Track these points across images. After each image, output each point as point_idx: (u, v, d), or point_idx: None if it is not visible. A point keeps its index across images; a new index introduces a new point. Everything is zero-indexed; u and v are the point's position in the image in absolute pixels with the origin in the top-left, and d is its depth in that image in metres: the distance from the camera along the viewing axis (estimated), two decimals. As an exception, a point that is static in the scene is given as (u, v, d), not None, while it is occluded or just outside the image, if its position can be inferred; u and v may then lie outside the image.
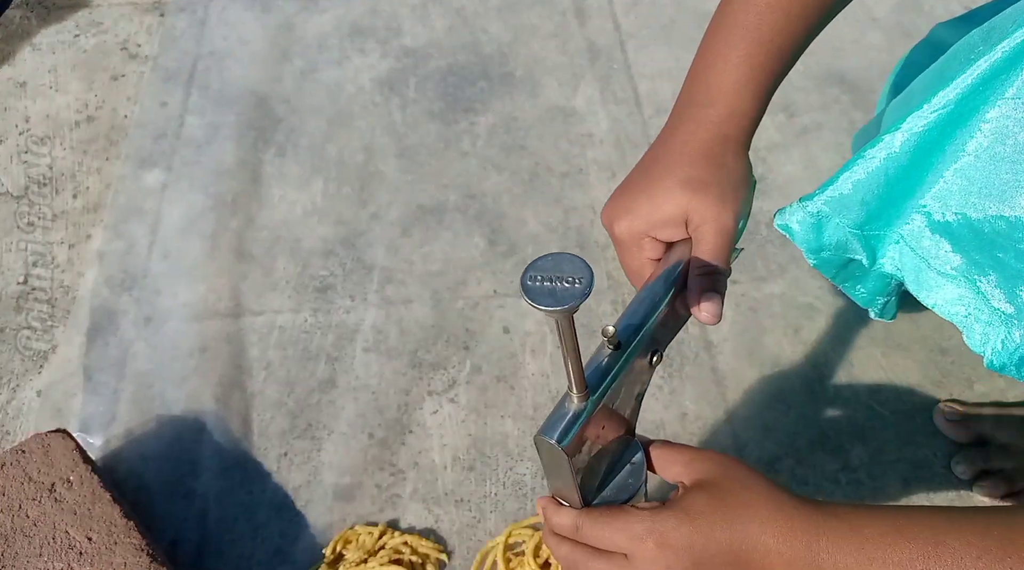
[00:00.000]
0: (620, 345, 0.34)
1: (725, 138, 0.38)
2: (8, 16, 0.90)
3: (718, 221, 0.36)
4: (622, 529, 0.33)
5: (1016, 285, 0.40)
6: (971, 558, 0.30)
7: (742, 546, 0.32)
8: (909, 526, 0.31)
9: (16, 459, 0.51)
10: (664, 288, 0.36)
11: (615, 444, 0.37)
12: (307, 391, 0.60)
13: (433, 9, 0.90)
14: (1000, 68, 0.39)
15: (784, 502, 0.33)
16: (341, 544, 0.53)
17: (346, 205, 0.72)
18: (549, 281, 0.28)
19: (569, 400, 0.33)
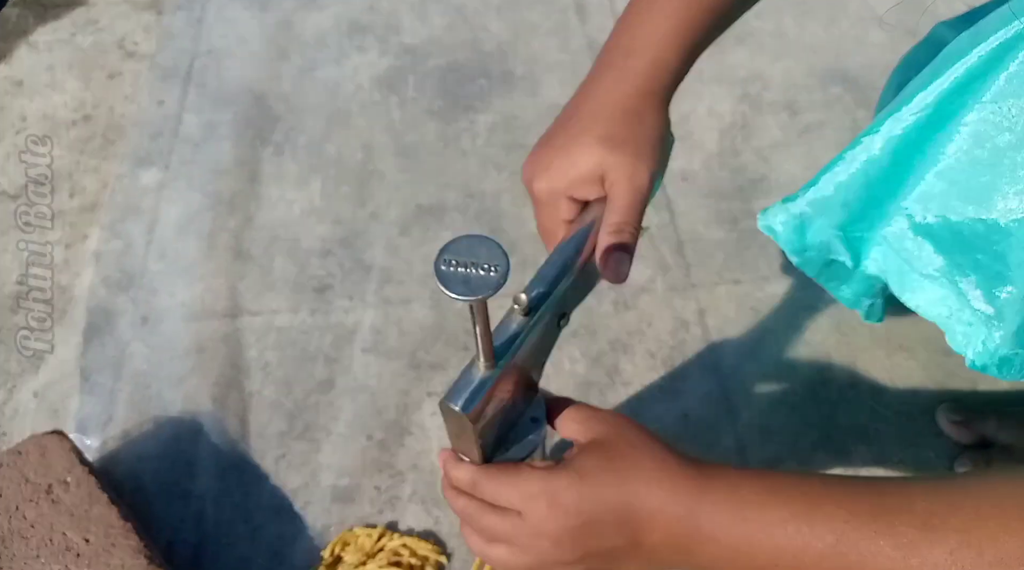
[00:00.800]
0: (530, 312, 0.34)
1: (645, 92, 0.37)
2: (5, 14, 0.89)
3: (633, 179, 0.35)
4: (516, 487, 0.34)
5: (995, 286, 0.40)
6: (840, 520, 0.30)
7: (629, 506, 0.33)
8: (784, 489, 0.32)
9: (13, 460, 0.51)
10: (575, 251, 0.35)
11: (519, 400, 0.37)
12: (305, 392, 0.60)
13: (432, 7, 0.89)
14: (977, 72, 0.39)
15: (671, 464, 0.34)
16: (340, 546, 0.52)
17: (345, 204, 0.72)
18: (464, 267, 0.27)
19: (476, 368, 0.33)
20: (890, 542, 0.30)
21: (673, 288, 0.66)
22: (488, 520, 0.35)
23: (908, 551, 0.29)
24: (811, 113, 0.79)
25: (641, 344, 0.63)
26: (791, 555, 0.31)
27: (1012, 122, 0.39)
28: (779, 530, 0.32)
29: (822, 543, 0.31)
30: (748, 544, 0.32)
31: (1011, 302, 0.40)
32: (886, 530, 0.30)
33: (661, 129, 0.37)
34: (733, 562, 0.33)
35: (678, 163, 0.75)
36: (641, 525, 0.34)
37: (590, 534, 0.34)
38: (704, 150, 0.76)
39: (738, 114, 0.79)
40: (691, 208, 0.72)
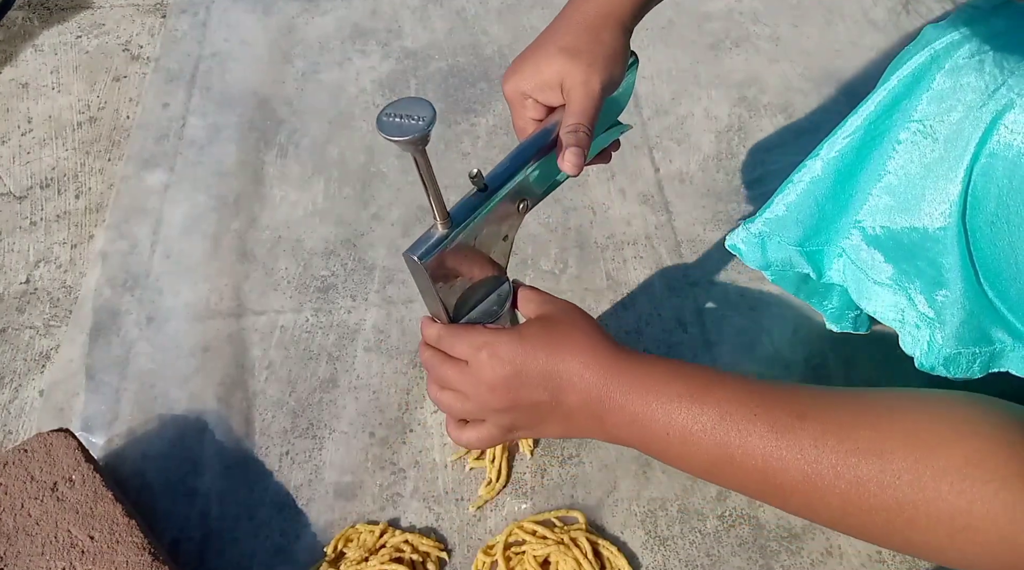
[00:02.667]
0: (487, 188, 0.40)
1: (606, 15, 0.42)
2: (10, 17, 0.90)
3: (587, 85, 0.40)
4: (467, 339, 0.41)
5: (933, 290, 0.43)
6: (726, 401, 0.35)
7: (555, 367, 0.39)
8: (687, 372, 0.38)
9: (18, 458, 0.51)
10: (535, 144, 0.41)
11: (488, 280, 0.43)
12: (308, 390, 0.61)
13: (434, 11, 0.91)
14: (900, 94, 0.43)
15: (597, 341, 0.39)
16: (342, 542, 0.53)
17: (347, 206, 0.73)
18: (399, 118, 0.34)
19: (435, 228, 0.39)
20: (766, 424, 0.34)
21: (671, 288, 0.67)
22: (443, 368, 0.42)
23: (780, 433, 0.34)
24: (807, 116, 0.80)
25: (639, 343, 0.64)
26: (680, 425, 0.36)
27: (935, 138, 0.42)
28: (674, 403, 0.36)
29: (707, 418, 0.35)
30: (647, 413, 0.37)
31: (948, 304, 0.43)
32: (764, 414, 0.34)
33: (618, 48, 0.42)
34: (632, 427, 0.37)
35: (676, 165, 0.76)
36: (563, 385, 0.39)
37: (520, 384, 0.39)
38: (701, 152, 0.77)
39: (735, 117, 0.80)
40: (688, 209, 0.73)
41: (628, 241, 0.70)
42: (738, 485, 0.36)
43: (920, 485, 0.30)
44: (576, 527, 0.53)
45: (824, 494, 0.33)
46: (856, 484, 0.32)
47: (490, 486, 0.55)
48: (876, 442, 0.32)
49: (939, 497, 0.30)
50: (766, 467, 0.34)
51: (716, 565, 0.52)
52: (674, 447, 0.36)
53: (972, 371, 0.44)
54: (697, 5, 0.90)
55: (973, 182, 0.41)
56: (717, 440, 0.35)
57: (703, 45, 0.86)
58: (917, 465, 0.31)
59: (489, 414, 0.41)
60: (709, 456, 0.35)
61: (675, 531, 0.54)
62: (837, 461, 0.32)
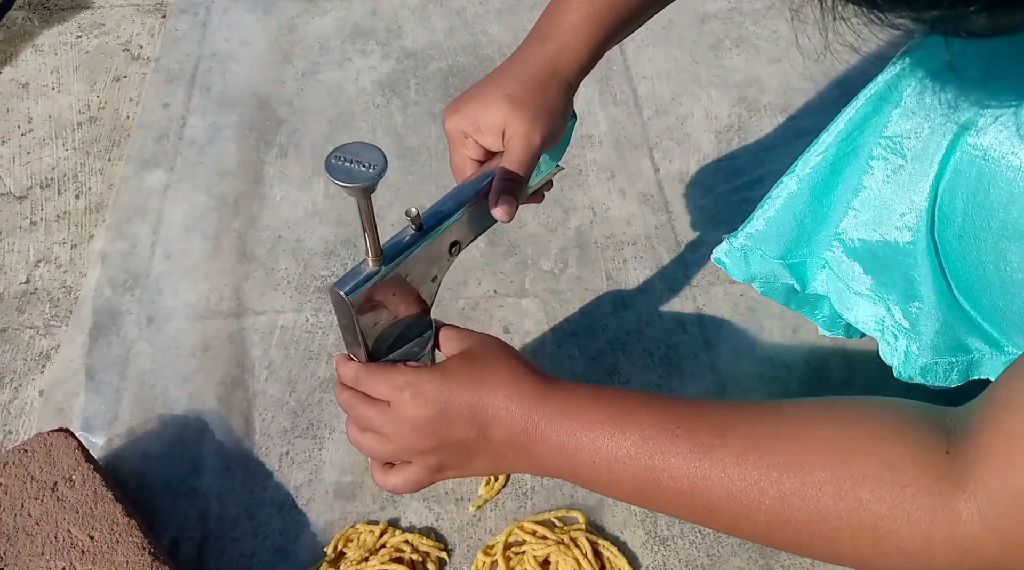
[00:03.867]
0: (422, 228, 0.40)
1: (553, 71, 0.43)
2: (10, 17, 0.90)
3: (527, 137, 0.41)
4: (387, 380, 0.40)
5: (907, 302, 0.44)
6: (647, 425, 0.35)
7: (480, 402, 0.38)
8: (607, 398, 0.38)
9: (18, 458, 0.51)
10: (472, 189, 0.42)
11: (411, 320, 0.43)
12: (309, 390, 0.61)
13: (434, 11, 0.91)
14: (871, 111, 0.44)
15: (521, 373, 0.39)
16: (342, 542, 0.53)
17: (347, 206, 0.73)
18: (350, 162, 0.33)
19: (364, 264, 0.39)
20: (687, 444, 0.34)
21: (670, 288, 0.67)
22: (363, 409, 0.41)
23: (702, 452, 0.34)
24: (806, 117, 0.80)
25: (639, 343, 0.64)
26: (605, 452, 0.36)
27: (904, 154, 0.42)
28: (596, 430, 0.36)
29: (630, 443, 0.35)
30: (572, 442, 0.37)
31: (922, 315, 0.43)
32: (685, 435, 0.34)
33: (561, 105, 0.43)
34: (559, 457, 0.37)
35: (676, 165, 0.76)
36: (488, 421, 0.38)
37: (445, 423, 0.38)
38: (701, 152, 0.77)
39: (735, 117, 0.80)
40: (688, 209, 0.73)
41: (628, 241, 0.70)
42: (668, 508, 0.36)
43: (841, 495, 0.30)
44: (576, 527, 0.53)
45: (750, 511, 0.32)
46: (780, 499, 0.32)
47: (489, 486, 0.55)
48: (797, 455, 0.32)
49: (860, 506, 0.30)
50: (692, 488, 0.34)
51: (716, 565, 0.52)
52: (601, 475, 0.36)
53: (950, 379, 0.44)
54: (697, 5, 0.90)
55: (940, 197, 0.41)
56: (642, 464, 0.35)
57: (703, 45, 0.86)
58: (837, 475, 0.31)
59: (414, 455, 0.40)
60: (636, 481, 0.35)
61: (675, 531, 0.54)
62: (760, 476, 0.32)
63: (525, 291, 0.67)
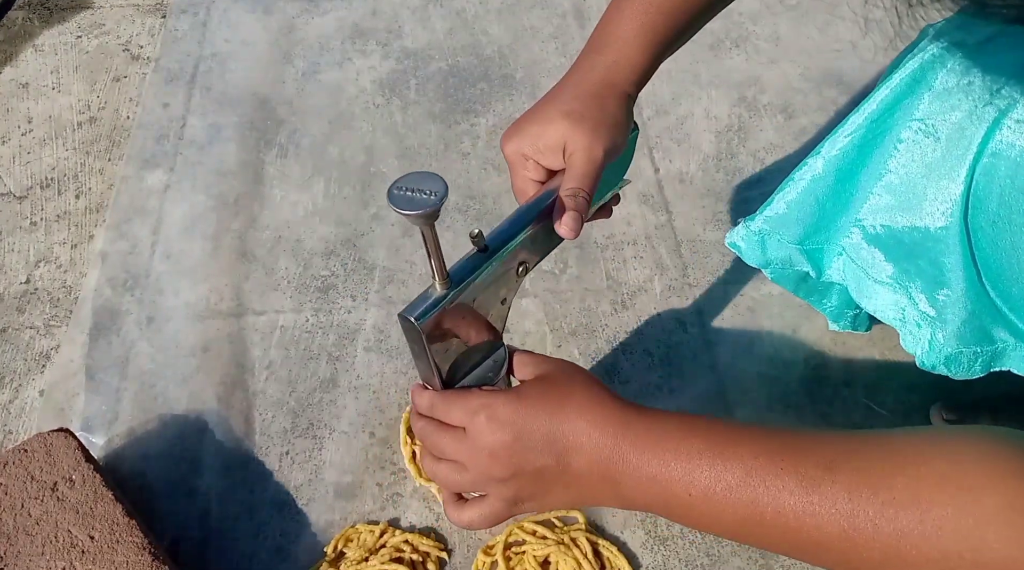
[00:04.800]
0: (487, 249, 0.39)
1: (611, 83, 0.42)
2: (10, 18, 0.90)
3: (589, 151, 0.40)
4: (462, 405, 0.39)
5: (934, 289, 0.43)
6: (750, 456, 0.33)
7: (559, 427, 0.37)
8: (703, 427, 0.36)
9: (19, 458, 0.51)
10: (535, 207, 0.41)
11: (483, 346, 0.42)
12: (309, 390, 0.61)
13: (434, 11, 0.91)
14: (902, 93, 0.43)
15: (603, 398, 0.38)
16: (342, 542, 0.53)
17: (347, 206, 0.73)
18: (411, 192, 0.34)
19: (432, 288, 0.38)
20: (794, 479, 0.32)
21: (671, 288, 0.67)
22: (438, 437, 0.40)
23: (810, 487, 0.32)
24: (806, 116, 0.80)
25: (639, 343, 0.64)
26: (703, 485, 0.34)
27: (937, 137, 0.42)
28: (694, 461, 0.34)
29: (732, 475, 0.33)
30: (666, 472, 0.35)
31: (949, 304, 0.43)
32: (791, 468, 0.32)
33: (620, 117, 0.42)
34: (650, 488, 0.35)
35: (676, 165, 0.76)
36: (568, 448, 0.37)
37: (522, 449, 0.37)
38: (701, 152, 0.77)
39: (734, 117, 0.80)
40: (688, 209, 0.73)
41: (628, 241, 0.70)
42: (770, 544, 0.34)
43: (964, 535, 0.29)
44: (576, 527, 0.53)
45: (863, 549, 0.31)
46: (896, 537, 0.30)
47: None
48: (913, 491, 0.30)
49: (984, 546, 0.29)
50: (800, 525, 0.32)
51: (716, 565, 0.52)
52: (697, 508, 0.34)
53: (973, 370, 0.44)
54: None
55: (975, 181, 0.40)
56: (744, 499, 0.33)
57: (703, 45, 0.86)
58: (959, 514, 0.29)
59: (490, 485, 0.38)
60: (736, 516, 0.33)
61: (675, 531, 0.54)
62: (875, 514, 0.30)
63: (525, 291, 0.67)
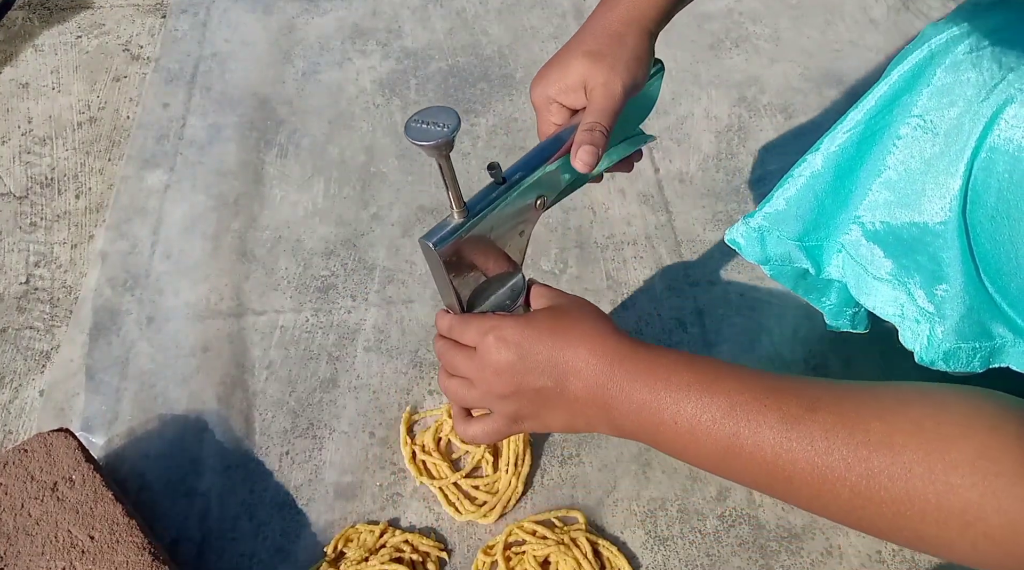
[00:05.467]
0: (505, 181, 0.41)
1: (630, 20, 0.43)
2: (10, 17, 0.90)
3: (607, 86, 0.41)
4: (475, 326, 0.41)
5: (933, 285, 0.43)
6: (736, 392, 0.35)
7: (560, 353, 0.39)
8: (694, 362, 0.37)
9: (18, 458, 0.51)
10: (556, 142, 0.42)
11: (503, 276, 0.44)
12: (309, 390, 0.61)
13: (434, 11, 0.91)
14: (900, 90, 0.43)
15: (605, 330, 0.40)
16: (342, 542, 0.53)
17: (347, 206, 0.73)
18: (426, 124, 0.36)
19: (451, 217, 0.40)
20: (776, 415, 0.34)
21: (671, 288, 0.67)
22: (451, 355, 0.43)
23: (791, 424, 0.33)
24: (806, 116, 0.80)
25: (640, 343, 0.64)
26: (689, 415, 0.36)
27: (935, 133, 0.42)
28: (683, 392, 0.36)
29: (717, 408, 0.35)
30: (654, 401, 0.36)
31: (948, 299, 0.43)
32: (774, 405, 0.34)
33: (640, 51, 0.43)
34: (639, 416, 0.37)
35: (676, 165, 0.76)
36: (567, 372, 0.39)
37: (525, 369, 0.39)
38: (701, 152, 0.77)
39: (734, 117, 0.80)
40: (688, 209, 0.73)
41: (628, 241, 0.70)
42: (747, 478, 0.36)
43: (932, 478, 0.30)
44: (576, 527, 0.53)
45: (834, 486, 0.32)
46: (867, 476, 0.31)
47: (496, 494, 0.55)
48: (887, 434, 0.31)
49: (951, 490, 0.30)
50: (776, 459, 0.33)
51: (716, 565, 0.52)
52: (682, 437, 0.36)
53: (972, 366, 0.44)
54: (697, 5, 0.90)
55: (974, 177, 0.41)
56: (727, 431, 0.34)
57: (703, 45, 0.86)
58: (929, 458, 0.30)
59: (494, 401, 0.41)
60: (718, 447, 0.35)
61: (675, 531, 0.54)
62: (848, 453, 0.32)
63: (525, 291, 0.67)
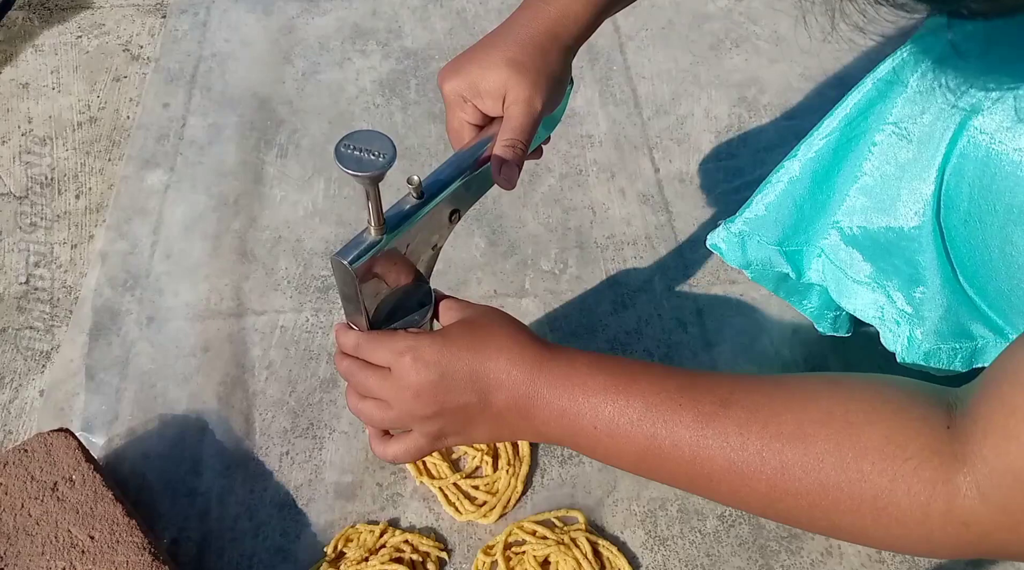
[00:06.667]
0: (423, 196, 0.40)
1: (555, 36, 0.42)
2: (10, 17, 0.90)
3: (529, 103, 0.40)
4: (388, 345, 0.40)
5: (911, 288, 0.44)
6: (651, 392, 0.35)
7: (481, 366, 0.38)
8: (611, 366, 0.38)
9: (19, 458, 0.51)
10: (471, 155, 0.41)
11: (411, 289, 0.43)
12: (309, 390, 0.61)
13: (434, 11, 0.91)
14: (875, 97, 0.44)
15: (522, 339, 0.39)
16: (342, 542, 0.53)
17: (347, 206, 0.73)
18: (359, 151, 0.34)
19: (367, 232, 0.39)
20: (691, 413, 0.34)
21: (670, 288, 0.67)
22: (363, 376, 0.41)
23: (705, 421, 0.34)
24: (806, 116, 0.80)
25: (639, 343, 0.64)
26: (607, 418, 0.36)
27: (909, 139, 0.42)
28: (599, 396, 0.36)
29: (633, 410, 0.35)
30: (574, 407, 0.37)
31: (925, 301, 0.43)
32: (688, 403, 0.34)
33: (560, 69, 0.42)
34: (561, 423, 0.37)
35: (676, 165, 0.76)
36: (490, 386, 0.38)
37: (446, 388, 0.38)
38: (701, 152, 0.77)
39: (735, 117, 0.80)
40: (688, 209, 0.73)
41: (628, 241, 0.70)
42: (667, 477, 0.36)
43: (843, 466, 0.31)
44: (576, 527, 0.53)
45: (750, 480, 0.33)
46: (781, 469, 0.32)
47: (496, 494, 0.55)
48: (799, 426, 0.32)
49: (861, 477, 0.30)
50: (693, 456, 0.34)
51: (716, 565, 0.52)
52: (603, 441, 0.36)
53: (954, 365, 0.44)
54: (697, 5, 0.90)
55: (946, 182, 0.41)
56: (644, 432, 0.35)
57: (703, 45, 0.86)
58: (839, 447, 0.31)
59: (415, 422, 0.40)
60: (637, 448, 0.35)
61: (675, 531, 0.54)
62: (762, 447, 0.32)
63: (525, 291, 0.67)
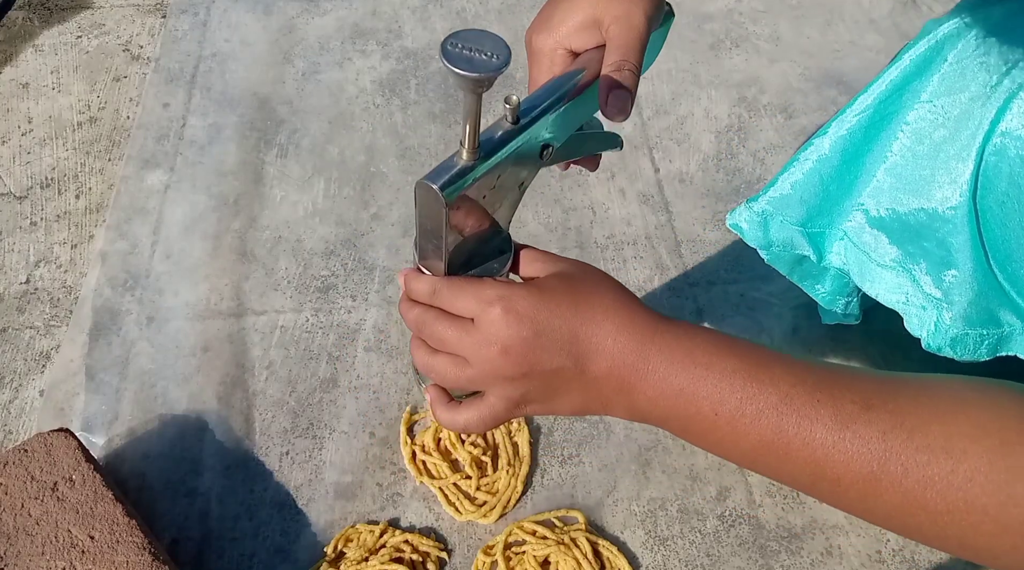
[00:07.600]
0: (519, 121, 0.35)
1: None
2: (10, 18, 0.90)
3: (628, 19, 0.36)
4: (475, 293, 0.34)
5: (941, 271, 0.43)
6: (787, 383, 0.31)
7: (582, 327, 0.33)
8: (739, 346, 0.33)
9: (19, 458, 0.51)
10: (569, 82, 0.36)
11: (489, 235, 0.37)
12: (309, 390, 0.61)
13: (434, 11, 0.91)
14: (911, 74, 0.43)
15: (632, 302, 0.34)
16: (342, 542, 0.53)
17: (347, 206, 0.73)
18: (468, 50, 0.29)
19: (459, 156, 0.33)
20: (830, 412, 0.30)
21: (671, 288, 0.67)
22: (439, 326, 0.35)
23: (845, 423, 0.30)
24: (806, 116, 0.80)
25: (640, 343, 0.64)
26: (733, 405, 0.31)
27: (946, 118, 0.42)
28: (727, 379, 0.32)
29: (765, 399, 0.31)
30: (693, 387, 0.32)
31: (956, 285, 0.43)
32: (828, 401, 0.31)
33: None
34: (674, 402, 0.33)
35: (676, 165, 0.76)
36: (589, 350, 0.33)
37: (539, 347, 0.33)
38: (701, 152, 0.77)
39: (734, 117, 0.80)
40: (688, 209, 0.73)
41: (628, 241, 0.70)
42: (785, 474, 0.32)
43: (993, 488, 0.28)
44: (576, 527, 0.53)
45: (885, 491, 0.30)
46: (923, 483, 0.29)
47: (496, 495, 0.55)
48: (948, 439, 0.29)
49: (1012, 501, 0.28)
50: (825, 458, 0.30)
51: (716, 565, 0.52)
52: (721, 429, 0.32)
53: (979, 353, 0.43)
54: (697, 5, 0.90)
55: (985, 161, 0.40)
56: (773, 425, 0.31)
57: (703, 45, 0.86)
58: (992, 466, 0.28)
59: (497, 383, 0.34)
60: (759, 441, 0.31)
61: (675, 531, 0.54)
62: (907, 458, 0.29)
63: (525, 291, 0.67)
